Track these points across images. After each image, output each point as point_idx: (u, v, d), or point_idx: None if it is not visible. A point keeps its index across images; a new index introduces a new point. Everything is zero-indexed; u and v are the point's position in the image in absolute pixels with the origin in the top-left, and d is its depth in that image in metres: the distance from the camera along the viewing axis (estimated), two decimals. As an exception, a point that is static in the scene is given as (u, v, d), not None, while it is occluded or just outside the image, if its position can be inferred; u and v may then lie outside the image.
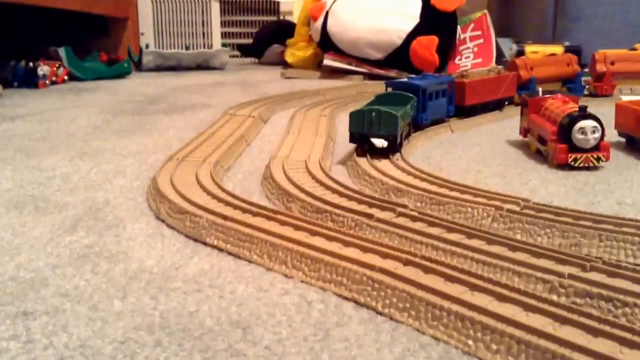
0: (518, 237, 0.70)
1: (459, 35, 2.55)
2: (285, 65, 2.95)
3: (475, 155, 1.17)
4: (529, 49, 2.05)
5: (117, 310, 0.55)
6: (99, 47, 2.85)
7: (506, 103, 1.65)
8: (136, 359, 0.47)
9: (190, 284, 0.60)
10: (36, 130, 1.44)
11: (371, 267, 0.59)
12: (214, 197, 0.82)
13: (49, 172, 1.05)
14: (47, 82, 2.32)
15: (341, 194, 0.83)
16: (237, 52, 3.53)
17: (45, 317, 0.53)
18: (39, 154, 1.19)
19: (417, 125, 1.28)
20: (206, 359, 0.47)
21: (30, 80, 2.27)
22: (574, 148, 1.03)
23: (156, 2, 3.17)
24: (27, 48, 2.49)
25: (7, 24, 2.65)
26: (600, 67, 1.92)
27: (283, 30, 3.22)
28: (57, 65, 2.41)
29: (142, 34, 3.10)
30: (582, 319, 0.49)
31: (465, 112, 1.48)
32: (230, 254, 0.68)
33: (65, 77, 2.46)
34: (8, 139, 1.33)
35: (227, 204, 0.79)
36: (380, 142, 1.04)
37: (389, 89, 1.27)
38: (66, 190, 0.94)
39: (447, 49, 2.48)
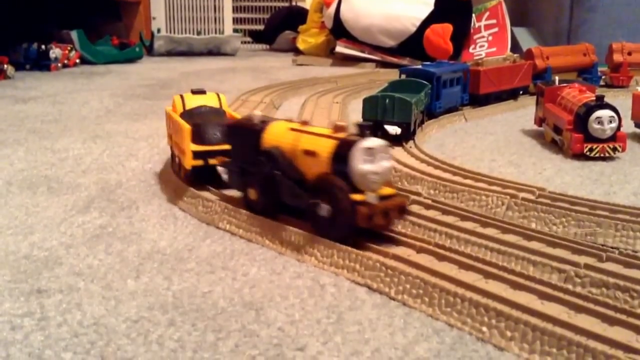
0: (533, 225, 0.70)
1: (474, 23, 2.52)
2: (297, 52, 2.94)
3: (489, 144, 1.16)
4: None
5: (130, 289, 0.55)
6: (110, 31, 2.85)
7: (521, 92, 1.63)
8: (150, 337, 0.47)
9: (203, 265, 0.60)
10: (49, 112, 1.45)
11: (384, 254, 0.58)
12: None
13: (62, 154, 1.05)
14: (59, 65, 2.33)
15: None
16: (248, 38, 3.52)
17: (59, 295, 0.53)
18: (51, 136, 1.19)
19: (431, 113, 1.27)
20: (220, 339, 0.47)
21: (42, 63, 2.28)
22: (590, 138, 1.02)
23: (168, -14, 3.15)
24: (39, 31, 2.50)
25: (20, 7, 2.66)
26: (617, 58, 1.90)
27: (295, 17, 3.20)
28: (69, 48, 2.41)
29: (154, 18, 3.09)
30: (598, 308, 0.48)
31: (479, 100, 1.47)
32: (242, 237, 0.68)
33: (77, 61, 2.46)
34: (21, 121, 1.34)
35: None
36: (393, 129, 1.03)
37: (403, 76, 1.26)
38: (79, 172, 0.94)
39: (462, 37, 2.46)
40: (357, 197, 0.59)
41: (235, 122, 0.76)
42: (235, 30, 3.21)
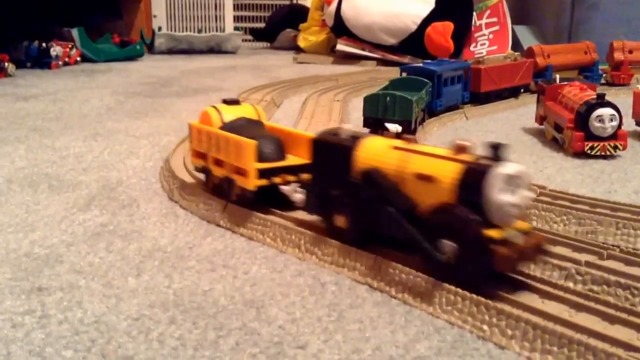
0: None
1: (475, 21, 2.52)
2: (298, 50, 2.94)
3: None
4: None
5: (131, 287, 0.55)
6: (111, 29, 2.85)
7: (522, 90, 1.63)
8: (151, 335, 0.47)
9: (204, 263, 0.60)
10: (49, 110, 1.45)
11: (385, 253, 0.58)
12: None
13: (63, 152, 1.05)
14: (60, 63, 2.32)
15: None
16: (249, 36, 3.51)
17: (60, 293, 0.54)
18: (52, 134, 1.19)
19: (432, 111, 1.27)
20: (220, 337, 0.47)
21: (43, 61, 2.27)
22: (591, 136, 1.01)
23: (169, -16, 3.15)
24: (40, 29, 2.49)
25: (21, 5, 2.65)
26: (618, 56, 1.90)
27: (296, 15, 3.19)
28: (69, 46, 2.41)
29: (155, 16, 3.09)
30: (599, 306, 0.48)
31: (480, 98, 1.47)
32: (243, 235, 0.68)
33: (78, 59, 2.46)
34: (22, 119, 1.34)
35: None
36: (394, 127, 1.03)
37: (404, 74, 1.25)
38: (80, 170, 0.94)
39: (463, 36, 2.45)
40: (493, 233, 0.49)
41: (319, 137, 0.64)
42: (236, 28, 3.20)
